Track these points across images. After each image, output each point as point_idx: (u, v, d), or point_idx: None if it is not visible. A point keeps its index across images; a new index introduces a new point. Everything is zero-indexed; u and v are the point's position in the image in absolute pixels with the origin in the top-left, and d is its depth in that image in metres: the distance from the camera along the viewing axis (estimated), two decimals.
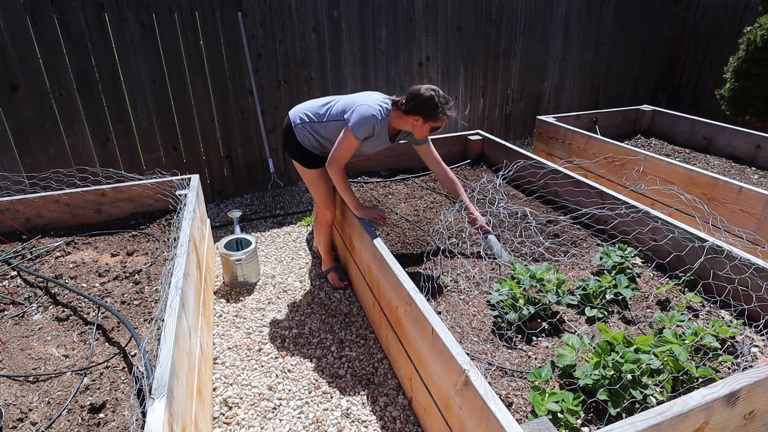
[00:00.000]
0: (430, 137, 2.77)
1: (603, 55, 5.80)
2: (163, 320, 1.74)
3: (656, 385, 1.66)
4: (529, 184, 3.35)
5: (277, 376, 2.36)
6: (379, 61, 4.52)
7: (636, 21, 5.79)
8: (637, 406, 1.58)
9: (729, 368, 1.79)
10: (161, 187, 3.02)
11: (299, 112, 2.63)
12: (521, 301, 2.07)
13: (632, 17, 5.75)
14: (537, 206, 3.10)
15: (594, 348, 1.74)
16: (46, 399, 1.69)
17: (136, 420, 1.50)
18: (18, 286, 2.35)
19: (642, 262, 2.46)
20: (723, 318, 2.06)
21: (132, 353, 1.92)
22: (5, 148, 3.46)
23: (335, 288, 3.04)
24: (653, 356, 1.67)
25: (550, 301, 2.09)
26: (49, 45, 3.35)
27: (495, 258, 2.48)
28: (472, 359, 1.79)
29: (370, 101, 2.43)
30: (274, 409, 2.18)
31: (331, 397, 2.24)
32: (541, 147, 4.54)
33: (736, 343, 1.91)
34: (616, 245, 2.43)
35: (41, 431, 1.57)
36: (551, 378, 1.71)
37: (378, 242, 2.29)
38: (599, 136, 3.93)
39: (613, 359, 1.62)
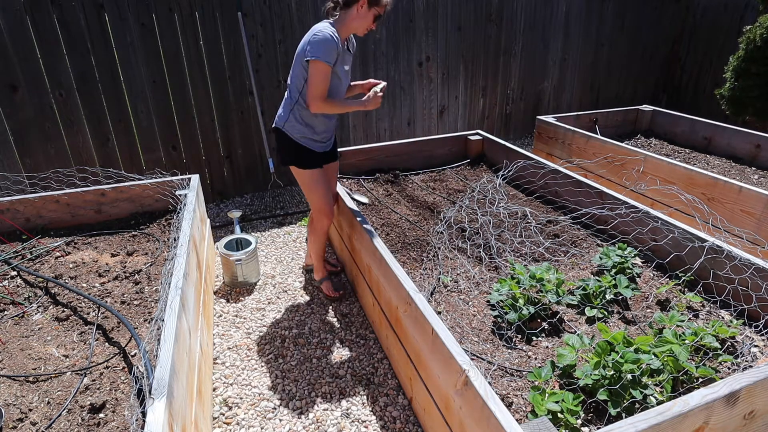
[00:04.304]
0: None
1: (603, 55, 5.80)
2: (163, 320, 1.74)
3: (656, 385, 1.66)
4: (529, 184, 3.35)
5: (277, 376, 2.36)
6: (378, 61, 4.52)
7: (636, 21, 5.79)
8: (637, 406, 1.58)
9: (729, 368, 1.79)
10: (161, 187, 3.02)
11: (279, 112, 2.58)
12: (521, 301, 2.07)
13: (632, 17, 5.75)
14: (537, 206, 3.10)
15: (594, 348, 1.74)
16: (46, 399, 1.69)
17: (136, 420, 1.50)
18: (18, 286, 2.35)
19: (642, 262, 2.46)
20: (723, 318, 2.06)
21: (132, 353, 1.92)
22: (5, 148, 3.46)
23: (328, 298, 2.95)
24: (653, 356, 1.67)
25: (550, 301, 2.09)
26: (49, 45, 3.35)
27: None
28: (472, 359, 1.79)
29: (311, 32, 2.35)
30: (274, 409, 2.18)
31: (331, 397, 2.24)
32: (541, 147, 4.54)
33: (736, 343, 1.91)
34: (616, 245, 2.43)
35: (41, 431, 1.57)
36: (551, 378, 1.71)
37: (378, 242, 2.29)
38: (599, 136, 3.93)
39: (613, 359, 1.62)
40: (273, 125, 2.60)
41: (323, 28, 2.35)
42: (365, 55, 4.44)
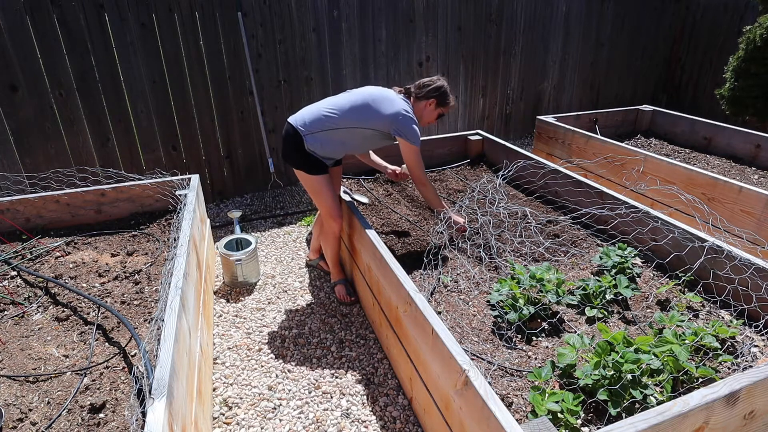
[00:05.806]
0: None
1: (603, 55, 5.80)
2: (163, 320, 1.74)
3: (656, 385, 1.66)
4: (529, 184, 3.35)
5: (277, 376, 2.36)
6: (379, 62, 4.52)
7: (636, 21, 5.79)
8: (637, 406, 1.58)
9: (729, 368, 1.79)
10: (161, 187, 3.02)
11: (306, 118, 2.48)
12: (521, 301, 2.07)
13: (632, 17, 5.75)
14: (537, 206, 3.10)
15: (594, 348, 1.74)
16: (46, 399, 1.69)
17: (136, 420, 1.50)
18: (18, 286, 2.35)
19: (642, 262, 2.46)
20: (723, 318, 2.06)
21: (132, 353, 1.92)
22: (5, 148, 3.46)
23: (341, 303, 2.91)
24: (653, 356, 1.67)
25: (550, 301, 2.09)
26: (49, 45, 3.35)
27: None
28: (472, 359, 1.79)
29: (399, 108, 2.48)
30: (274, 409, 2.18)
31: (331, 397, 2.24)
32: (541, 147, 4.54)
33: (736, 343, 1.91)
34: (616, 245, 2.43)
35: (41, 431, 1.57)
36: (551, 378, 1.71)
37: (378, 242, 2.29)
38: (599, 136, 3.93)
39: (613, 359, 1.62)
40: (291, 124, 2.50)
41: (410, 111, 2.52)
42: (365, 55, 4.44)
